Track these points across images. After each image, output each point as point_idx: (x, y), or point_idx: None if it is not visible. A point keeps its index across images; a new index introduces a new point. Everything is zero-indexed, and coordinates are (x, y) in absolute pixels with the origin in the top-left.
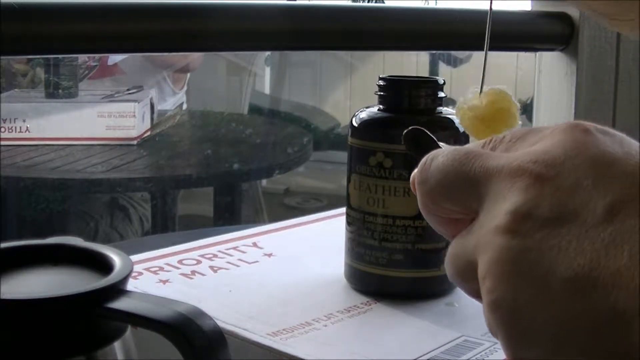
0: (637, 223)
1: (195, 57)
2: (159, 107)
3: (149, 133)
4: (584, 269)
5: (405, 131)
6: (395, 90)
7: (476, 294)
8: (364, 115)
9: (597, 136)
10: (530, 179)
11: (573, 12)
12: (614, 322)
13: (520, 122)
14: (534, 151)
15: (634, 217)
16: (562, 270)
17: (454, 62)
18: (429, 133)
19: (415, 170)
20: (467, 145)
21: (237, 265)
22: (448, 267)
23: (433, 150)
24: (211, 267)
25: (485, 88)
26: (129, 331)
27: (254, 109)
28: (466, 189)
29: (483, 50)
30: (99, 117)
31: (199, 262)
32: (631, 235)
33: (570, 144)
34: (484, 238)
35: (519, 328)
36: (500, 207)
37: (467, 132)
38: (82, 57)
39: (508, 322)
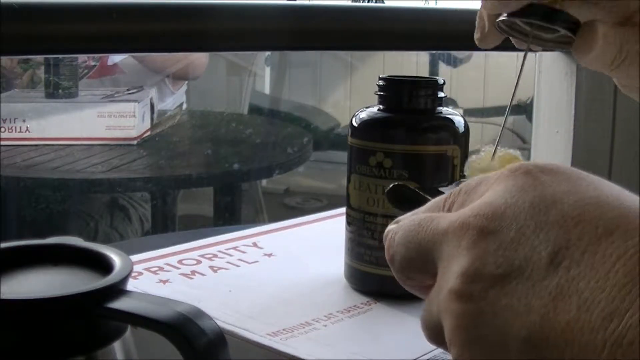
0: (581, 270)
1: (195, 65)
2: (158, 107)
3: (149, 133)
4: (536, 327)
5: (387, 189)
6: (395, 90)
7: None
8: (364, 115)
9: (537, 178)
10: (473, 235)
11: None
12: None
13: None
14: (478, 204)
15: (577, 265)
16: (516, 331)
17: (454, 62)
18: (411, 187)
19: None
20: (425, 208)
21: (237, 265)
22: (423, 332)
23: (409, 212)
24: (211, 267)
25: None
26: (129, 331)
27: (254, 109)
28: (425, 257)
29: (482, 50)
30: (99, 117)
31: (199, 262)
32: (577, 285)
33: (510, 191)
34: (443, 304)
35: None
36: (452, 269)
37: None
38: (82, 57)
39: None
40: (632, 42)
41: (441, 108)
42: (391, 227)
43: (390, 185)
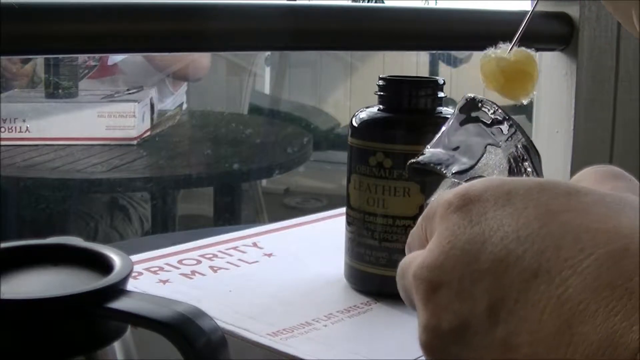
0: (517, 323)
1: (197, 67)
2: (158, 107)
3: (149, 133)
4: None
5: (408, 162)
6: (395, 90)
7: None
8: (364, 115)
9: (468, 213)
10: (427, 290)
11: (573, 12)
12: None
13: (535, 92)
14: (426, 253)
15: (513, 316)
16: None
17: (454, 62)
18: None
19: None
20: (407, 243)
21: (237, 265)
22: None
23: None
24: (211, 267)
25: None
26: (129, 331)
27: (254, 109)
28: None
29: (482, 50)
30: (99, 117)
31: (199, 262)
32: (517, 338)
33: (445, 237)
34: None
35: None
36: (419, 321)
37: (483, 81)
38: (82, 57)
39: None
40: None
41: (441, 108)
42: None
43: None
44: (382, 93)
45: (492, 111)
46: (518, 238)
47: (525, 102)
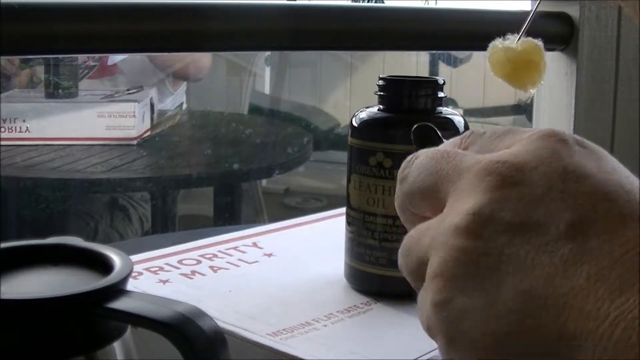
0: (599, 245)
1: (198, 66)
2: (158, 107)
3: (149, 133)
4: (539, 283)
5: (414, 127)
6: (395, 90)
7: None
8: (364, 115)
9: (572, 148)
10: (497, 180)
11: (573, 12)
12: (562, 344)
13: (542, 82)
14: (506, 153)
15: (596, 238)
16: (516, 282)
17: (454, 62)
18: (437, 131)
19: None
20: (446, 144)
21: (237, 265)
22: (400, 260)
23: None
24: (211, 267)
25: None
26: (129, 331)
27: (254, 109)
28: (437, 187)
29: (482, 50)
30: (99, 117)
31: (199, 262)
32: (591, 256)
33: (543, 152)
34: (441, 236)
35: (463, 333)
36: (463, 206)
37: (491, 69)
38: (82, 57)
39: (452, 325)
40: None
41: (441, 108)
42: (413, 154)
43: (418, 124)
44: (382, 93)
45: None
46: (621, 185)
47: (532, 90)
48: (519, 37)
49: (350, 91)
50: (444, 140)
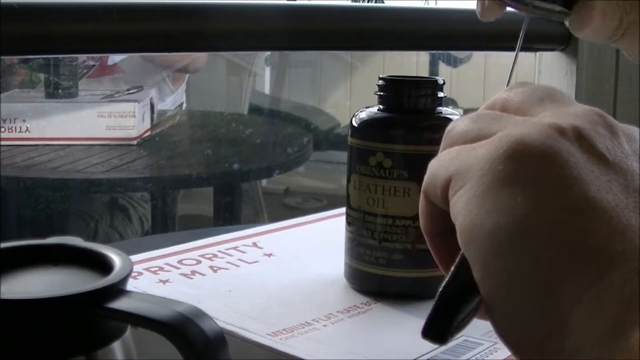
0: None
1: (195, 57)
2: (158, 107)
3: (149, 133)
4: (612, 203)
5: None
6: (395, 90)
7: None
8: (364, 115)
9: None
10: (602, 120)
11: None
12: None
13: None
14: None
15: None
16: (582, 189)
17: (454, 62)
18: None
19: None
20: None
21: (237, 265)
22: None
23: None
24: (211, 267)
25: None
26: (129, 331)
27: (254, 109)
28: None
29: (482, 50)
30: (99, 117)
31: (199, 262)
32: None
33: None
34: (518, 127)
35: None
36: (558, 111)
37: None
38: (82, 57)
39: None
40: (633, 13)
41: (441, 108)
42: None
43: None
44: (382, 93)
45: None
46: None
47: None
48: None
49: (350, 91)
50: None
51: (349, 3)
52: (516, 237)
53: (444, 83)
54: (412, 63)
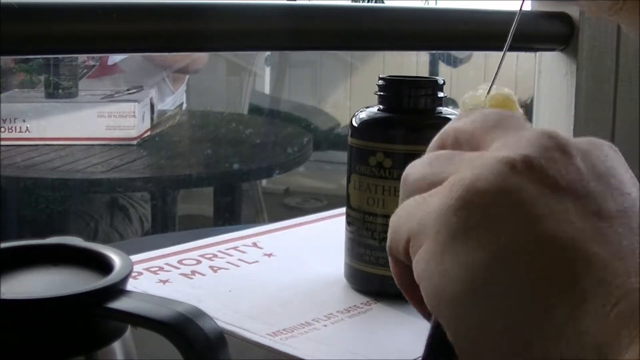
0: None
1: (196, 58)
2: (158, 107)
3: (149, 133)
4: (571, 235)
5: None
6: (395, 90)
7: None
8: (364, 115)
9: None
10: (553, 143)
11: (573, 12)
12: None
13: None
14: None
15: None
16: (549, 231)
17: (454, 62)
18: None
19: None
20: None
21: (237, 265)
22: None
23: None
24: (211, 267)
25: (494, 88)
26: (129, 331)
27: (254, 109)
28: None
29: (482, 50)
30: (99, 117)
31: (199, 262)
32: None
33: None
34: (479, 162)
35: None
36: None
37: None
38: (82, 57)
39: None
40: None
41: (441, 108)
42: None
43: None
44: (382, 93)
45: None
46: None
47: None
48: (488, 91)
49: (350, 91)
50: None
51: (349, 3)
52: (479, 292)
53: (444, 83)
54: (412, 63)
